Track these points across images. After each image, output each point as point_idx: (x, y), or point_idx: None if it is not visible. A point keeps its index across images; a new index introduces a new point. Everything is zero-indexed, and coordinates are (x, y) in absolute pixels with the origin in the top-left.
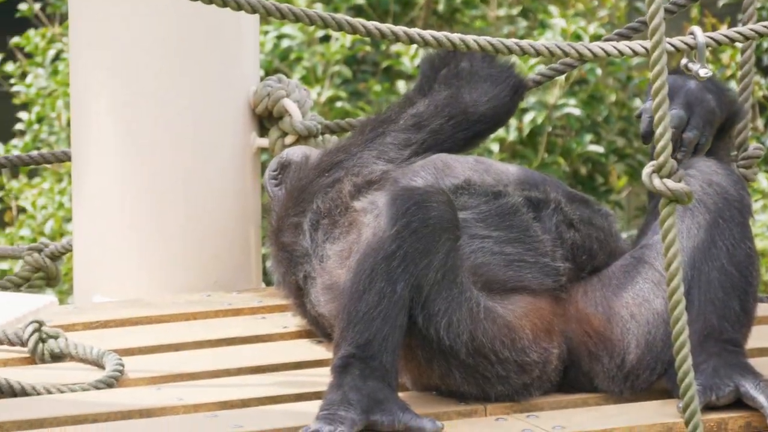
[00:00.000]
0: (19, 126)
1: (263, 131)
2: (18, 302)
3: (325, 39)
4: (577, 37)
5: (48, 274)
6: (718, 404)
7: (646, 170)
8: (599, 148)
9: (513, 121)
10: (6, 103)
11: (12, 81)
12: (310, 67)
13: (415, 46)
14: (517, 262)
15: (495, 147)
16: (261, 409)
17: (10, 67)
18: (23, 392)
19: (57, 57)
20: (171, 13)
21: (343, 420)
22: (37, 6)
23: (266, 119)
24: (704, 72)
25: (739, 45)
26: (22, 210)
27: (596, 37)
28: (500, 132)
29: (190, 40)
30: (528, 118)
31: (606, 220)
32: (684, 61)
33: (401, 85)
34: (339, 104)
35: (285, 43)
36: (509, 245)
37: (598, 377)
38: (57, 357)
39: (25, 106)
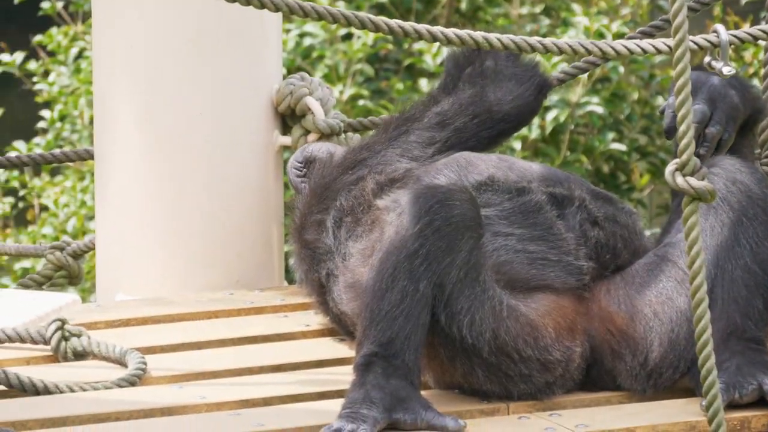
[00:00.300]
0: (41, 124)
1: (286, 129)
2: (40, 301)
3: (348, 37)
4: (600, 35)
5: (70, 272)
6: (741, 402)
7: (669, 168)
8: (622, 146)
9: (536, 119)
10: (28, 101)
11: (35, 79)
12: (332, 65)
13: (437, 44)
14: (541, 261)
15: (517, 145)
16: (283, 407)
17: (32, 65)
18: (46, 390)
19: (79, 55)
20: (194, 11)
21: (365, 418)
22: (59, 4)
23: (289, 117)
24: (728, 70)
25: (762, 43)
26: (44, 208)
27: (619, 35)
28: (523, 130)
29: (213, 39)
30: (551, 116)
31: (630, 218)
32: (707, 59)
33: (423, 83)
34: (361, 102)
35: (307, 42)
36: (532, 243)
37: (621, 375)
38: (79, 355)
39: (48, 105)
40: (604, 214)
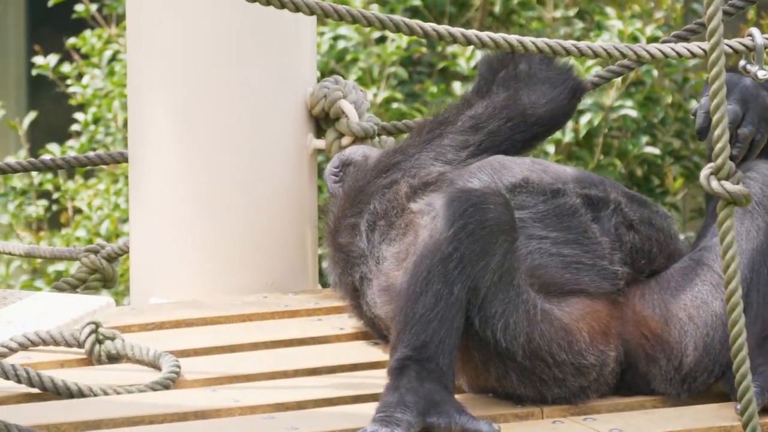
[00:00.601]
0: (75, 127)
1: (320, 132)
2: (75, 304)
3: (381, 40)
4: (634, 39)
5: (104, 275)
6: None
7: (704, 172)
8: (655, 150)
9: (569, 123)
10: (62, 104)
11: (68, 82)
12: (366, 69)
13: (471, 47)
14: (575, 264)
15: (551, 148)
16: (317, 411)
17: (66, 68)
18: (80, 393)
19: (113, 58)
20: (228, 15)
21: (399, 422)
22: (93, 7)
23: (323, 120)
24: (763, 74)
25: None
26: (78, 211)
27: (653, 39)
28: (556, 133)
29: (247, 42)
30: (584, 119)
31: (665, 221)
32: (742, 62)
33: (457, 87)
34: (395, 105)
35: (341, 44)
36: (567, 247)
37: (656, 380)
38: (113, 358)
39: (82, 107)
40: (640, 217)
